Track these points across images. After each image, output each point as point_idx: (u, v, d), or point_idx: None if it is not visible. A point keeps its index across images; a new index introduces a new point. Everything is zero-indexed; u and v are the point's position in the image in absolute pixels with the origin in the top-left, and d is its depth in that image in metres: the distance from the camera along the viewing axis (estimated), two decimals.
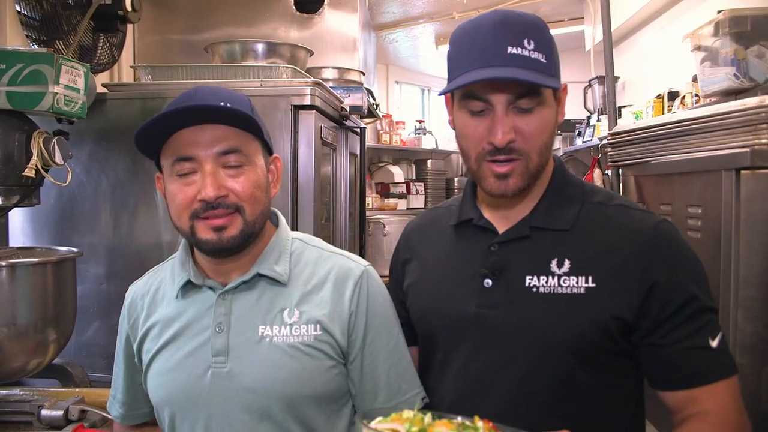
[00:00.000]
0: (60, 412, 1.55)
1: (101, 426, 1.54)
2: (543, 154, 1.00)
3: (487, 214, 1.11)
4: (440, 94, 1.06)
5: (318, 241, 1.19)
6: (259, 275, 1.09)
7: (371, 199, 4.53)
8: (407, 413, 0.82)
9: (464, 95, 1.00)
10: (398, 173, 5.13)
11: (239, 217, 1.04)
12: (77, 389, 1.74)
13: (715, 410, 0.94)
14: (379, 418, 0.83)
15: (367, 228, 3.65)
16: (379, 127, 5.17)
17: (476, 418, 0.83)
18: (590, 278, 0.98)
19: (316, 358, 1.04)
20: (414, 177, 5.54)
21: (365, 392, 1.08)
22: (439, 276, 1.13)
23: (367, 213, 3.79)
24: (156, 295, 1.16)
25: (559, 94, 1.03)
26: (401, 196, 5.09)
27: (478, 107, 0.98)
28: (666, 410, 1.07)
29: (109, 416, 1.28)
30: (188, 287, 1.12)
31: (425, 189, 5.41)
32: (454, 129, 1.07)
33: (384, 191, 4.95)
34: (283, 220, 1.18)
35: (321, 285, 1.09)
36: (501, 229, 1.08)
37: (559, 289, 0.99)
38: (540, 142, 0.99)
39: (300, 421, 1.04)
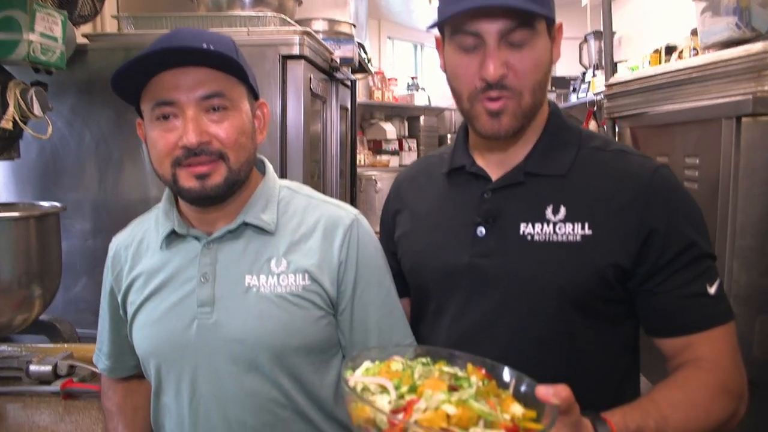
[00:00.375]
0: (48, 368, 1.54)
1: (90, 381, 1.53)
2: (536, 93, 0.96)
3: (480, 161, 1.07)
4: (429, 28, 1.02)
5: (307, 189, 1.15)
6: (246, 224, 1.05)
7: (363, 156, 4.48)
8: (396, 363, 0.80)
9: (454, 31, 0.96)
10: (390, 130, 5.06)
11: (223, 165, 1.00)
12: (66, 345, 1.74)
13: (711, 356, 0.92)
14: (366, 364, 0.81)
15: (358, 184, 3.61)
16: (371, 83, 5.07)
17: (469, 368, 0.81)
18: (587, 225, 0.95)
19: (304, 308, 1.02)
20: (406, 134, 5.46)
21: (355, 343, 1.06)
22: (431, 226, 1.10)
23: (359, 169, 3.74)
24: (140, 246, 1.13)
25: (553, 31, 0.98)
26: (393, 152, 5.02)
27: (468, 43, 0.94)
28: (657, 361, 1.06)
29: (98, 370, 1.26)
30: (173, 237, 1.08)
31: (418, 146, 5.34)
32: (445, 72, 1.03)
33: (376, 148, 4.89)
34: (270, 168, 1.14)
35: (309, 234, 1.06)
36: (494, 175, 1.04)
37: (555, 236, 0.97)
38: (533, 80, 0.94)
39: (288, 372, 1.02)
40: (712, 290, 0.94)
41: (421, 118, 5.43)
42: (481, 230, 1.02)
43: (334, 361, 1.08)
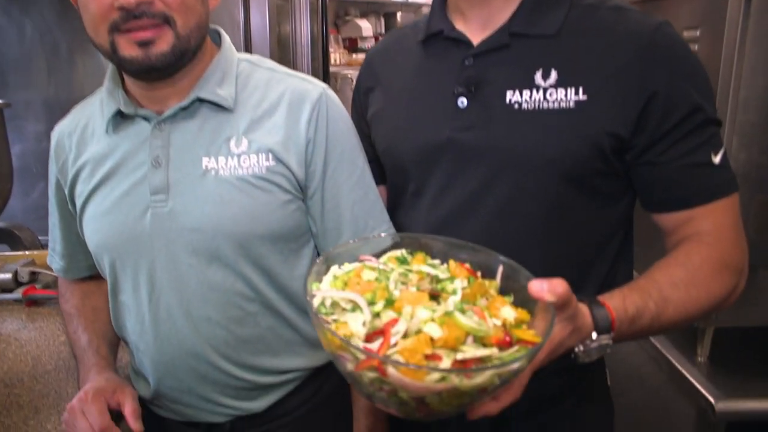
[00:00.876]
0: (8, 275, 1.47)
1: (55, 287, 1.45)
2: None
3: (460, 25, 0.94)
4: None
5: (270, 63, 1.02)
6: (200, 100, 0.94)
7: (338, 55, 4.26)
8: (368, 270, 0.71)
9: None
10: (366, 27, 4.78)
11: (169, 30, 0.86)
12: (27, 252, 1.65)
13: (713, 230, 0.85)
14: (334, 271, 0.72)
15: (334, 84, 3.44)
16: None
17: (451, 265, 0.73)
18: (581, 90, 0.85)
19: (269, 191, 0.92)
20: (383, 31, 5.18)
21: (327, 230, 0.98)
22: (407, 100, 0.99)
23: (335, 68, 3.57)
24: (84, 132, 1.01)
25: None
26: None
27: None
28: (646, 244, 1.00)
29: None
30: (119, 119, 0.97)
31: None
32: None
33: (351, 46, 4.64)
34: (227, 39, 1.01)
35: (273, 110, 0.95)
36: (476, 40, 0.92)
37: (545, 104, 0.86)
38: None
39: (254, 262, 0.94)
40: (716, 159, 0.85)
41: (399, 15, 5.13)
42: (463, 101, 0.91)
43: (305, 250, 1.00)
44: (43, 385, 1.14)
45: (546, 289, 0.64)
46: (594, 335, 0.74)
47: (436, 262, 0.77)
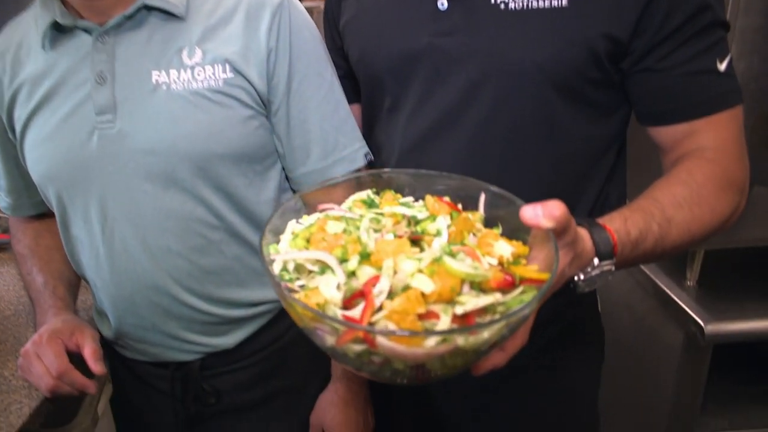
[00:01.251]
0: None
1: None
2: None
3: None
4: None
5: None
6: (147, 8, 0.83)
7: None
8: (333, 222, 0.61)
9: None
10: None
11: None
12: None
13: (716, 144, 0.78)
14: (292, 227, 0.62)
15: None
16: None
17: (428, 201, 0.64)
18: None
19: (227, 106, 0.83)
20: None
21: (294, 149, 0.89)
22: (382, 5, 0.89)
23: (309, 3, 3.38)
24: (19, 50, 0.89)
25: None
26: None
27: None
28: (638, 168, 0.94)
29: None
30: (56, 33, 0.86)
31: None
32: None
33: None
34: None
35: (229, 17, 0.84)
36: None
37: (535, 3, 0.77)
38: None
39: (215, 186, 0.85)
40: (722, 67, 0.77)
41: None
42: (443, 3, 0.82)
43: (272, 173, 0.92)
44: (1, 331, 1.08)
45: (541, 214, 0.55)
46: (596, 261, 0.66)
47: (408, 199, 0.68)
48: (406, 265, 0.53)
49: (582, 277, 0.66)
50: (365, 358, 0.51)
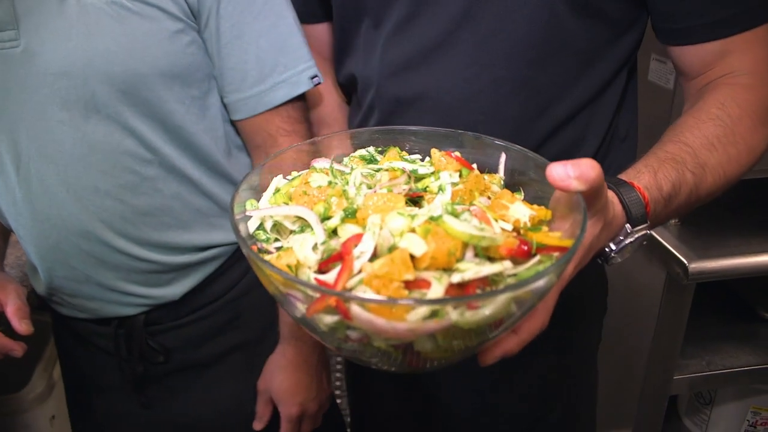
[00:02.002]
0: None
1: None
2: None
3: None
4: None
5: None
6: None
7: None
8: (318, 175, 0.52)
9: None
10: None
11: None
12: None
13: (752, 67, 0.68)
14: (277, 183, 0.53)
15: None
16: None
17: (434, 155, 0.55)
18: None
19: (151, 18, 0.71)
20: None
21: (227, 71, 0.78)
22: None
23: None
24: None
25: None
26: None
27: None
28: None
29: None
30: None
31: None
32: None
33: None
34: None
35: None
36: None
37: None
38: None
39: (144, 112, 0.74)
40: None
41: None
42: None
43: (213, 99, 0.81)
44: None
45: (573, 174, 0.44)
46: (628, 227, 0.57)
47: (415, 157, 0.58)
48: (395, 222, 0.44)
49: (613, 247, 0.57)
50: (340, 333, 0.43)
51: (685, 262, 1.10)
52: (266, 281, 0.45)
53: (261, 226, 0.51)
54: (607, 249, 0.57)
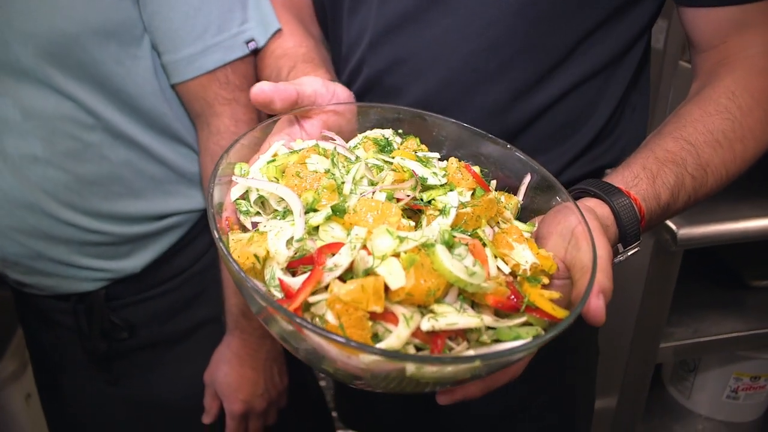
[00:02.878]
0: None
1: None
2: None
3: None
4: None
5: None
6: None
7: None
8: (319, 158, 0.48)
9: None
10: None
11: None
12: None
13: (762, 46, 0.62)
14: (276, 149, 0.49)
15: None
16: None
17: (451, 167, 0.50)
18: None
19: None
20: None
21: (155, 30, 0.71)
22: None
23: None
24: None
25: None
26: None
27: None
28: None
29: None
30: None
31: None
32: None
33: None
34: None
35: None
36: None
37: None
38: None
39: (79, 75, 0.68)
40: None
41: None
42: None
43: (157, 58, 0.74)
44: None
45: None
46: (620, 247, 0.54)
47: (434, 155, 0.53)
48: (381, 241, 0.39)
49: None
50: (294, 342, 0.39)
51: (674, 228, 1.07)
52: (228, 267, 0.41)
53: (246, 196, 0.47)
54: None
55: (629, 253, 0.54)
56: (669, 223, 1.07)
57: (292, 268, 0.41)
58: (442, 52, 0.65)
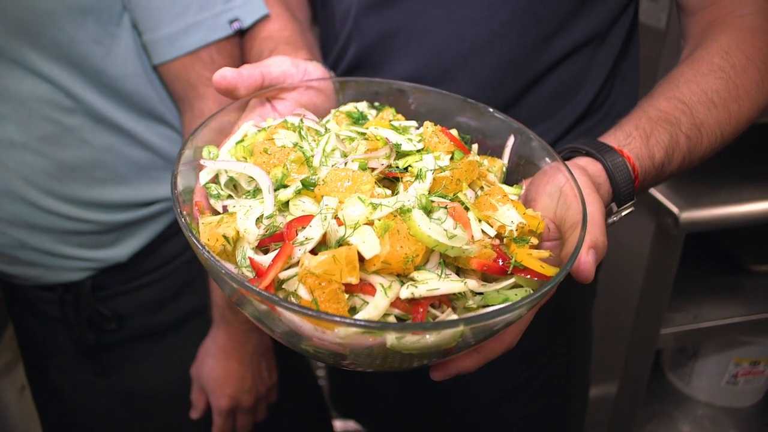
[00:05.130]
0: None
1: None
2: None
3: None
4: None
5: None
6: None
7: None
8: (287, 133, 0.45)
9: None
10: None
11: None
12: None
13: (760, 6, 0.61)
14: (246, 129, 0.46)
15: None
16: None
17: (426, 130, 0.47)
18: None
19: None
20: None
21: (135, 7, 0.68)
22: None
23: None
24: None
25: None
26: None
27: None
28: None
29: None
30: None
31: None
32: None
33: None
34: None
35: None
36: None
37: None
38: None
39: (55, 55, 0.65)
40: None
41: None
42: None
43: (121, 29, 0.70)
44: None
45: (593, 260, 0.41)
46: (614, 207, 0.52)
47: (411, 123, 0.50)
48: (352, 210, 0.37)
49: None
50: (270, 322, 0.37)
51: (676, 211, 1.05)
52: (196, 252, 0.39)
53: (216, 180, 0.45)
54: None
55: (623, 213, 0.53)
56: (671, 206, 1.05)
57: (264, 247, 0.40)
58: (431, 21, 0.63)
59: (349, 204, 0.38)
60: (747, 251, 1.29)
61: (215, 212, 0.44)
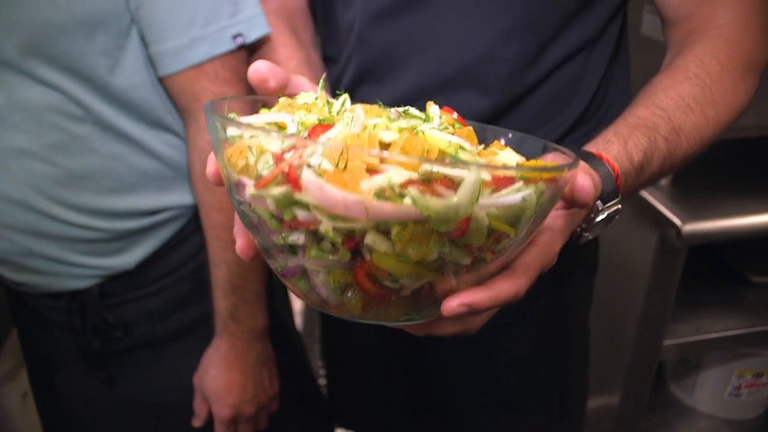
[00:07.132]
0: None
1: None
2: None
3: None
4: None
5: None
6: None
7: None
8: (306, 95, 0.47)
9: None
10: None
11: None
12: None
13: (737, 15, 0.62)
14: (284, 102, 0.46)
15: None
16: None
17: (429, 107, 0.48)
18: None
19: None
20: None
21: (141, 19, 0.68)
22: None
23: None
24: None
25: None
26: None
27: None
28: None
29: None
30: None
31: None
32: None
33: None
34: None
35: None
36: None
37: None
38: None
39: (64, 66, 0.65)
40: None
41: None
42: None
43: (129, 42, 0.70)
44: None
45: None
46: (599, 204, 0.52)
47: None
48: (371, 121, 0.41)
49: (584, 225, 0.52)
50: (288, 214, 0.37)
51: (679, 223, 1.05)
52: (221, 162, 0.41)
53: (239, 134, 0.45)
54: (578, 229, 0.52)
55: (610, 210, 0.52)
56: (673, 218, 1.06)
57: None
58: (435, 35, 0.65)
59: (368, 118, 0.41)
60: (750, 263, 1.29)
61: None
